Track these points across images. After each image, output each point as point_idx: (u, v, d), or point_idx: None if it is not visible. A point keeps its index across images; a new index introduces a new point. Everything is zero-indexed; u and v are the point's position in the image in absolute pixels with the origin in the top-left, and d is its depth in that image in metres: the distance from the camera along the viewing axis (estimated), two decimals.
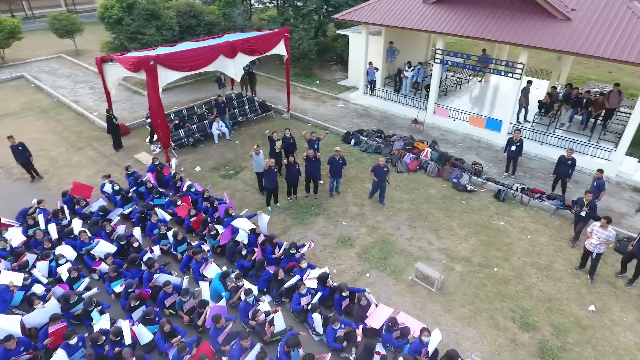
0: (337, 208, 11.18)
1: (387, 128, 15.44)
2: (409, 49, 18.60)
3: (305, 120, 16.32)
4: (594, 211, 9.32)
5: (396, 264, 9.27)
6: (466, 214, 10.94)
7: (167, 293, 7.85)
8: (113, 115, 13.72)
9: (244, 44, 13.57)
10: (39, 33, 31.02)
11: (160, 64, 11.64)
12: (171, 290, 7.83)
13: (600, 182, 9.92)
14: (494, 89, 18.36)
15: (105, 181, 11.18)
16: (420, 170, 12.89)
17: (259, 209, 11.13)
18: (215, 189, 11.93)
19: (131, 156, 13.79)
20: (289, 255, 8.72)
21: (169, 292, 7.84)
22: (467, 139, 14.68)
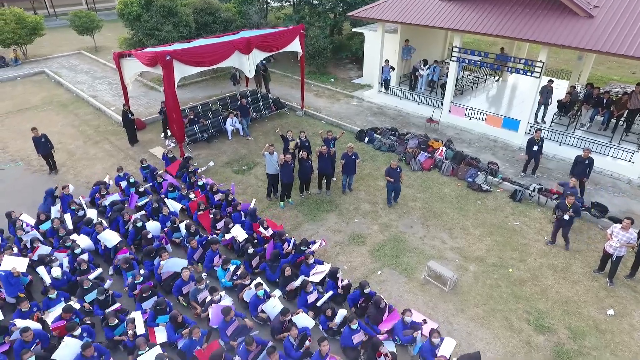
0: (349, 205, 11.11)
1: (402, 127, 15.29)
2: (425, 48, 18.39)
3: (319, 117, 16.28)
4: (578, 214, 9.10)
5: (408, 262, 9.15)
6: (481, 213, 10.75)
7: (185, 281, 7.90)
8: (129, 111, 13.88)
9: (259, 40, 13.60)
10: (60, 30, 31.76)
11: (177, 59, 11.74)
12: (188, 277, 7.87)
13: None
14: (511, 89, 18.02)
15: (120, 173, 11.33)
16: (435, 169, 12.72)
17: (270, 205, 11.15)
18: (226, 184, 11.96)
19: (146, 150, 13.95)
20: (299, 252, 8.68)
21: (186, 280, 7.88)
22: (483, 139, 14.43)
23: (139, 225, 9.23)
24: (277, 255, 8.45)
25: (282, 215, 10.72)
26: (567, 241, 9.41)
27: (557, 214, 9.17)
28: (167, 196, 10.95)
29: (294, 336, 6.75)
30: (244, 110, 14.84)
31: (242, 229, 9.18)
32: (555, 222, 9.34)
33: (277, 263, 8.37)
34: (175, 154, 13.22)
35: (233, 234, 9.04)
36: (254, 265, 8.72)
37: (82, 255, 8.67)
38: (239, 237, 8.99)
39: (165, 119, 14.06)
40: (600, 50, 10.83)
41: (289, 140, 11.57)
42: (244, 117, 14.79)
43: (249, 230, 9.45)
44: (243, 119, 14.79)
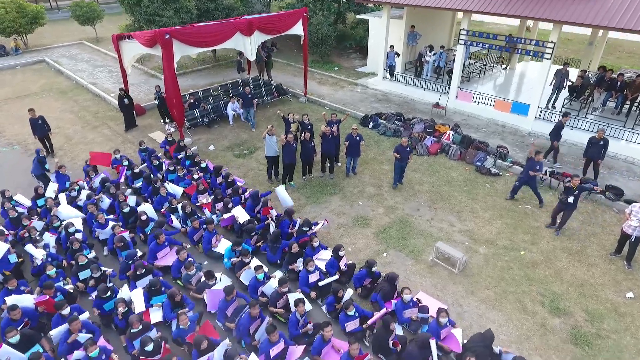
0: (353, 188, 10.73)
1: (407, 113, 14.87)
2: (430, 34, 17.96)
3: (322, 104, 15.91)
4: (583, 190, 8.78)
5: (415, 244, 8.77)
6: (490, 197, 10.34)
7: (181, 261, 7.55)
8: (126, 95, 13.53)
9: (261, 21, 13.25)
10: (62, 22, 31.59)
11: (176, 39, 11.40)
12: (185, 256, 7.54)
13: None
14: (520, 76, 17.56)
15: (117, 156, 11.01)
16: (442, 154, 12.31)
17: (271, 187, 10.78)
18: (229, 167, 11.62)
19: (145, 135, 13.63)
20: (301, 233, 8.31)
21: (183, 260, 7.54)
22: (491, 124, 14.01)
23: (125, 210, 8.90)
24: (278, 235, 8.08)
25: None
26: (562, 224, 8.95)
27: (561, 196, 8.73)
28: (166, 178, 10.64)
29: (300, 312, 6.38)
30: (247, 99, 13.78)
31: (243, 210, 8.82)
32: (558, 205, 8.91)
33: (277, 244, 8.00)
34: (175, 138, 12.91)
35: (234, 213, 8.69)
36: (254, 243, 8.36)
37: (76, 234, 8.34)
38: (240, 217, 8.63)
39: (161, 104, 13.74)
40: (616, 27, 10.38)
41: (290, 122, 11.21)
42: (248, 107, 13.85)
43: (250, 212, 9.11)
44: (246, 109, 13.90)
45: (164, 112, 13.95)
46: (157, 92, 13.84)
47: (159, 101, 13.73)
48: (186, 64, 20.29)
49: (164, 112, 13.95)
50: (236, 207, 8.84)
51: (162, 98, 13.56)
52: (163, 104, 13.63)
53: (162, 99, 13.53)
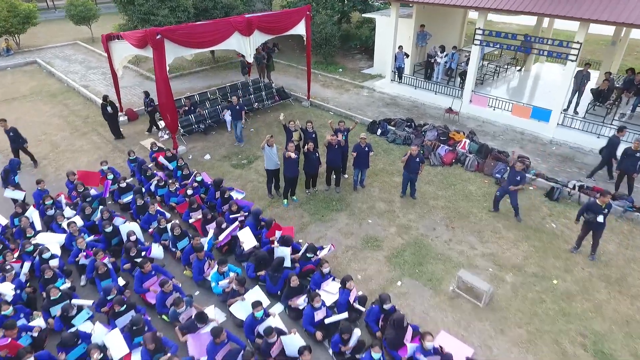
0: (362, 204, 9.76)
1: (418, 118, 13.90)
2: (441, 34, 16.97)
3: (327, 108, 14.94)
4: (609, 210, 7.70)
5: (433, 271, 7.79)
6: (513, 213, 9.34)
7: (166, 293, 6.60)
8: (109, 103, 12.34)
9: (261, 20, 12.28)
10: (58, 22, 30.75)
11: (168, 38, 10.45)
12: (171, 289, 6.58)
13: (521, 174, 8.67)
14: (536, 79, 16.54)
15: (104, 167, 10.06)
16: (457, 164, 11.32)
17: (272, 203, 9.82)
18: (225, 180, 10.66)
19: (137, 142, 12.69)
20: (305, 259, 7.34)
21: (168, 292, 6.58)
22: (509, 131, 13.00)
23: (108, 230, 7.95)
24: (281, 264, 7.09)
25: (285, 215, 9.40)
26: (594, 247, 7.98)
27: (587, 216, 7.73)
28: (156, 193, 9.70)
29: None
30: (234, 111, 11.99)
31: (251, 233, 7.85)
32: (584, 226, 7.92)
33: (279, 274, 7.02)
34: (168, 146, 11.98)
35: (241, 238, 7.72)
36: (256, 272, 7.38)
37: (51, 260, 7.40)
38: (246, 243, 7.66)
39: (151, 112, 12.79)
40: None
41: (292, 132, 10.24)
42: (236, 120, 12.12)
43: None
44: (234, 122, 12.20)
45: (153, 120, 13.02)
46: (145, 98, 12.86)
47: (150, 109, 12.76)
48: (183, 65, 19.37)
49: (153, 120, 13.02)
50: (244, 229, 7.85)
51: (153, 105, 12.60)
52: (152, 111, 12.68)
53: (153, 106, 12.59)
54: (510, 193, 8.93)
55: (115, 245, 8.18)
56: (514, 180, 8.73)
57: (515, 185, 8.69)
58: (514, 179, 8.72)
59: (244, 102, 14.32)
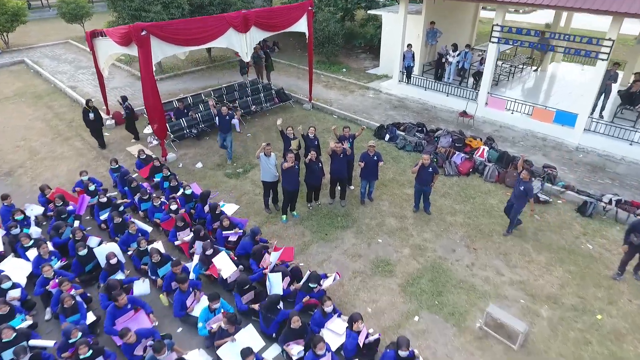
0: (370, 220, 8.68)
1: (429, 122, 12.83)
2: (451, 32, 15.88)
3: (330, 111, 13.87)
4: None
5: (455, 303, 6.71)
6: (542, 232, 8.27)
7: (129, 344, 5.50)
8: (91, 108, 11.01)
9: (258, 16, 11.23)
10: (52, 20, 29.70)
11: (155, 35, 9.41)
12: (134, 340, 5.47)
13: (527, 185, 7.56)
14: (553, 79, 15.43)
15: (83, 177, 9.01)
16: (475, 174, 10.25)
17: (270, 218, 8.75)
18: (219, 191, 9.61)
19: (123, 148, 11.65)
20: (307, 289, 6.27)
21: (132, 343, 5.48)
22: (529, 136, 11.91)
23: (82, 253, 6.90)
24: (276, 302, 5.98)
25: (284, 233, 8.34)
26: (638, 269, 6.96)
27: (637, 239, 6.65)
28: (139, 207, 8.65)
29: None
30: (223, 122, 10.43)
31: (229, 258, 6.78)
32: (629, 249, 6.83)
33: (273, 315, 5.92)
34: (157, 153, 10.96)
35: (218, 266, 6.65)
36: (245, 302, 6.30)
37: (12, 291, 6.36)
38: (224, 271, 6.59)
39: (129, 118, 11.67)
40: None
41: (290, 139, 9.17)
42: (224, 133, 10.57)
43: (243, 252, 7.13)
44: (222, 135, 10.61)
45: (131, 128, 11.88)
46: (124, 103, 11.67)
47: (127, 115, 11.62)
48: (178, 65, 18.34)
49: (131, 128, 11.88)
50: (220, 254, 6.79)
51: (131, 111, 11.55)
52: (131, 118, 11.57)
53: (131, 111, 11.54)
54: (515, 204, 7.86)
55: (90, 271, 7.12)
56: (518, 192, 7.66)
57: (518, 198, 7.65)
58: (518, 191, 7.64)
59: (241, 104, 13.32)
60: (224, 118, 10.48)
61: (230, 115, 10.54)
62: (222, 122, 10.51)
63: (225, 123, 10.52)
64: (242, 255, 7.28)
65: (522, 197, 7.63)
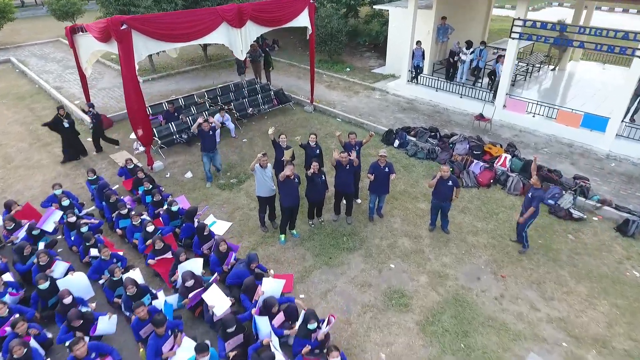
0: (380, 240, 7.61)
1: (441, 126, 11.75)
2: (462, 28, 14.77)
3: (333, 114, 12.80)
4: None
5: (485, 347, 5.63)
6: (579, 256, 7.18)
7: None
8: (64, 116, 9.78)
9: (255, 9, 10.16)
10: (45, 18, 28.70)
11: (137, 30, 8.34)
12: None
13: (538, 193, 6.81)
14: (573, 79, 14.32)
15: (56, 191, 7.96)
16: (496, 185, 9.16)
17: (265, 238, 7.69)
18: (209, 205, 8.56)
19: (106, 156, 10.59)
20: (305, 335, 5.19)
21: None
22: (553, 142, 10.82)
23: (42, 287, 5.84)
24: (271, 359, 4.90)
25: (282, 256, 7.27)
26: None
27: None
28: (117, 225, 7.60)
29: None
30: (207, 140, 8.78)
31: (221, 292, 5.72)
32: None
33: None
34: (143, 161, 9.92)
35: (209, 302, 5.58)
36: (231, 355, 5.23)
37: None
38: (217, 308, 5.52)
39: (96, 129, 10.36)
40: None
41: (282, 148, 8.09)
42: (210, 151, 8.92)
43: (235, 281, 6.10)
44: (208, 154, 8.93)
45: (99, 138, 10.56)
46: (89, 112, 10.33)
47: (94, 125, 10.29)
48: (172, 64, 17.31)
49: (99, 138, 10.56)
50: (211, 288, 5.72)
51: (98, 119, 10.34)
52: (99, 127, 10.35)
53: (98, 120, 10.33)
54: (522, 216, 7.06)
55: (54, 305, 6.07)
56: (527, 201, 6.87)
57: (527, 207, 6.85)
58: (527, 199, 6.87)
59: (237, 106, 12.25)
60: (207, 134, 8.74)
61: (213, 129, 8.89)
62: (204, 140, 8.82)
63: (209, 140, 8.83)
64: (234, 285, 6.24)
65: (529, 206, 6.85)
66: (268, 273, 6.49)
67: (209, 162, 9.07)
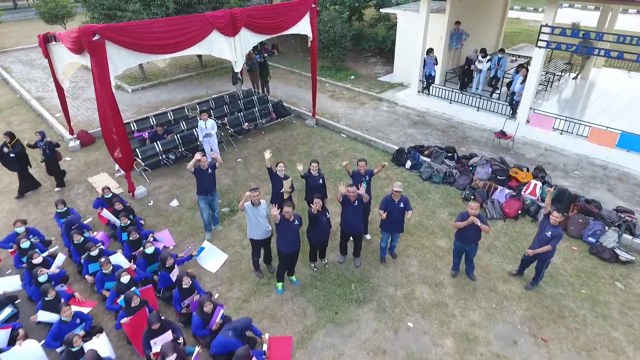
0: (395, 289, 6.47)
1: (457, 143, 10.62)
2: (476, 34, 13.63)
3: (337, 129, 11.66)
4: None
5: None
6: (634, 312, 6.04)
7: None
8: (7, 145, 8.37)
9: (250, 15, 9.04)
10: (36, 21, 27.57)
11: (112, 40, 7.22)
12: None
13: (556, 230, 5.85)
14: (597, 89, 13.13)
15: (18, 229, 6.84)
16: (524, 217, 8.01)
17: (259, 286, 6.55)
18: (195, 242, 7.43)
19: (84, 179, 9.47)
20: None
21: None
22: (585, 164, 9.67)
23: None
24: None
25: (279, 311, 6.13)
26: None
27: None
28: (85, 270, 6.48)
29: None
30: (205, 179, 7.07)
31: None
32: None
33: None
34: (125, 186, 8.81)
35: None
36: None
37: None
38: None
39: (50, 160, 8.84)
40: None
41: (280, 178, 6.96)
42: (207, 194, 7.20)
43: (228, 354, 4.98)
44: (205, 197, 7.20)
45: (53, 170, 8.99)
46: (40, 142, 8.77)
47: (47, 156, 8.80)
48: (164, 71, 16.19)
49: (53, 170, 8.99)
50: None
51: (52, 151, 8.80)
52: (53, 159, 8.85)
53: (52, 152, 8.81)
54: (539, 255, 6.08)
55: None
56: (543, 239, 5.92)
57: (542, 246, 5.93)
58: (544, 237, 5.90)
59: (231, 120, 11.11)
60: (205, 173, 7.04)
61: (212, 166, 7.17)
62: (202, 180, 7.04)
63: (208, 181, 7.09)
64: (220, 355, 5.12)
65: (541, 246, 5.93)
66: (262, 338, 5.39)
67: (208, 207, 7.35)
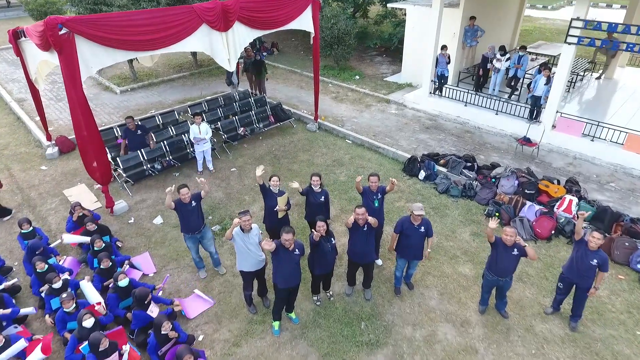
0: (413, 329, 5.44)
1: (475, 151, 9.59)
2: (491, 30, 12.59)
3: (342, 134, 10.64)
4: None
5: None
6: None
7: None
8: None
9: (244, 7, 8.02)
10: (28, 19, 26.70)
11: (82, 35, 6.22)
12: None
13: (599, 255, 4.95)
14: (624, 89, 12.09)
15: None
16: (558, 237, 6.98)
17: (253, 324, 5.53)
18: (179, 268, 6.43)
19: (59, 191, 8.47)
20: None
21: None
22: (620, 174, 8.62)
23: None
24: None
25: (274, 358, 5.11)
26: None
27: None
28: (48, 307, 5.47)
29: None
30: (188, 216, 5.86)
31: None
32: None
33: None
34: (102, 202, 7.80)
35: None
36: None
37: None
38: None
39: None
40: None
41: (274, 194, 5.93)
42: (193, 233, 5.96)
43: None
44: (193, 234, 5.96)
45: None
46: None
47: None
48: (157, 71, 15.20)
49: None
50: None
51: None
52: None
53: None
54: (579, 283, 5.15)
55: None
56: (585, 268, 4.97)
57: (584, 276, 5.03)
58: (587, 266, 4.96)
59: (225, 126, 10.10)
60: (188, 207, 5.78)
61: (196, 197, 5.92)
62: (186, 216, 5.82)
63: (192, 217, 5.83)
64: None
65: (593, 274, 4.99)
66: None
67: (196, 246, 6.08)
